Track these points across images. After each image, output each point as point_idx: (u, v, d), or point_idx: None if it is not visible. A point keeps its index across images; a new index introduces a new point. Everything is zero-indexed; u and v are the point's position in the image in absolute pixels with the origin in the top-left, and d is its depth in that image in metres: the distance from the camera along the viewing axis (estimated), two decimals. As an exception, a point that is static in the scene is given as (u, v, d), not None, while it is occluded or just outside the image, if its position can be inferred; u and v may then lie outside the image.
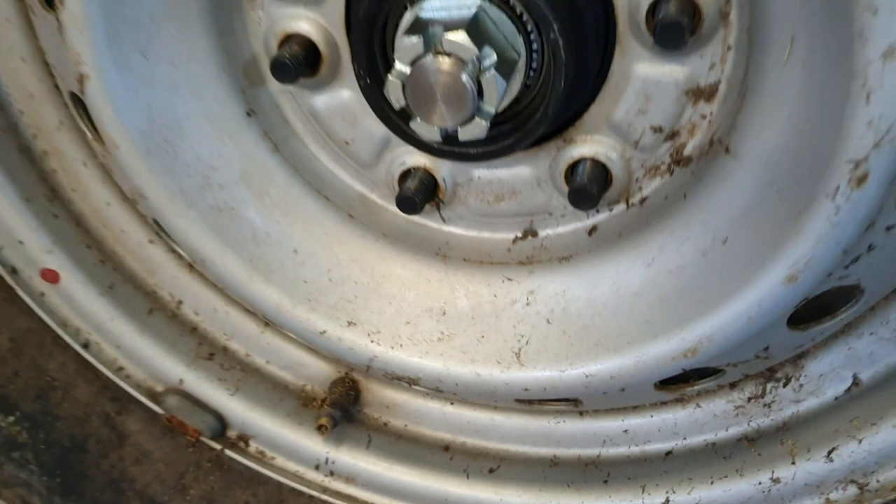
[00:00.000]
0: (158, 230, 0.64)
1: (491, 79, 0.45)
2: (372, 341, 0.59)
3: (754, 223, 0.48)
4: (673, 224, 0.53)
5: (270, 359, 0.69)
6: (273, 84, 0.57)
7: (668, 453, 0.62)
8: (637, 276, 0.55)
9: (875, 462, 0.53)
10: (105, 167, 0.63)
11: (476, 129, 0.47)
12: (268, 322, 0.66)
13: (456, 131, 0.47)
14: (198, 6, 0.52)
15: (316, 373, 0.69)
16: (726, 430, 0.60)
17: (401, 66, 0.45)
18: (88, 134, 0.60)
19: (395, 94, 0.47)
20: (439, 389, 0.59)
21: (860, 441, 0.53)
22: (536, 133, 0.49)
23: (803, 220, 0.44)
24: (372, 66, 0.49)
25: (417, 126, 0.47)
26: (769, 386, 0.58)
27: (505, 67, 0.45)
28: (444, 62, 0.44)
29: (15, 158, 0.61)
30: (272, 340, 0.68)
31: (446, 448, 0.68)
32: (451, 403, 0.67)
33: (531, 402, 0.62)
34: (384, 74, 0.47)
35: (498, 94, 0.45)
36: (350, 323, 0.59)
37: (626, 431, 0.64)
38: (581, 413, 0.65)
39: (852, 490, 0.54)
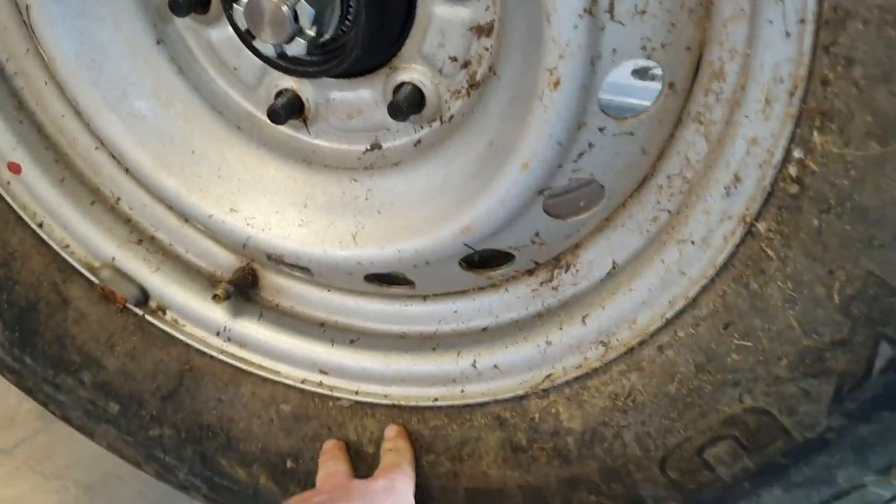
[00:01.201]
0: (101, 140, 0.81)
1: (303, 7, 0.61)
2: (248, 225, 0.75)
3: (505, 127, 0.63)
4: (466, 134, 0.68)
5: (188, 248, 0.85)
6: (179, 20, 0.74)
7: (485, 329, 0.77)
8: (440, 175, 0.69)
9: (615, 325, 0.67)
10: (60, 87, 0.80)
11: (297, 48, 0.62)
12: (185, 217, 0.83)
13: (285, 50, 0.63)
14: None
15: (223, 261, 0.85)
16: (526, 310, 0.75)
17: (242, -2, 0.62)
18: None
19: (239, 20, 0.63)
20: (298, 265, 0.75)
21: (604, 308, 0.67)
22: (352, 57, 0.65)
23: (527, 120, 0.59)
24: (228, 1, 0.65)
25: (257, 44, 0.64)
26: (556, 272, 0.72)
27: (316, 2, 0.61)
28: (268, -7, 0.60)
29: (-11, 77, 0.79)
30: (190, 233, 0.85)
31: (322, 324, 0.83)
32: (328, 290, 0.83)
33: (378, 283, 0.78)
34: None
35: (309, 18, 0.61)
36: (232, 210, 0.75)
37: (455, 312, 0.78)
38: (424, 298, 0.80)
39: (601, 349, 0.68)
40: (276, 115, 0.72)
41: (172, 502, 1.12)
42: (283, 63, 0.67)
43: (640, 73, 1.42)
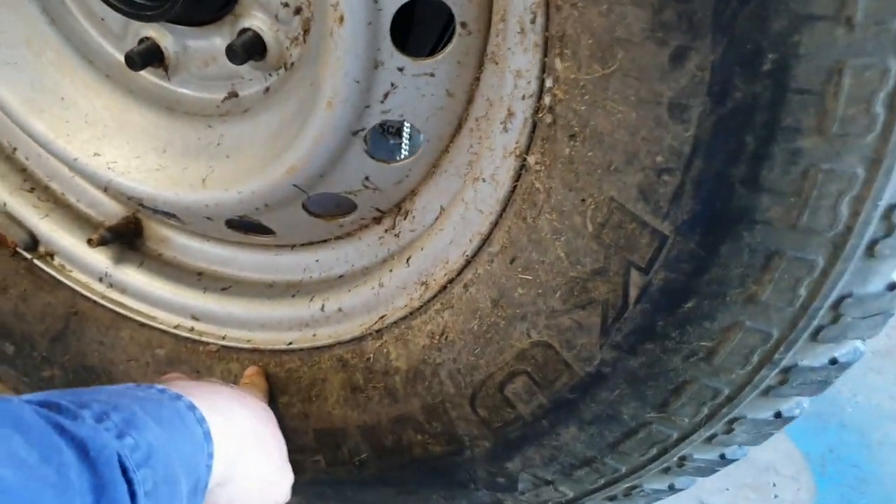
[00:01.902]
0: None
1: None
2: (109, 168, 0.78)
3: (314, 72, 0.65)
4: (300, 79, 0.70)
5: (80, 198, 0.89)
6: (50, -29, 0.78)
7: (341, 276, 0.79)
8: (277, 120, 0.72)
9: (432, 265, 0.68)
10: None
11: (127, -9, 0.66)
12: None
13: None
14: None
15: (111, 211, 0.88)
16: (376, 257, 0.76)
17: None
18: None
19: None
20: (154, 208, 0.78)
21: (423, 249, 0.69)
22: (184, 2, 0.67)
23: (324, 58, 0.61)
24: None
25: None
26: (397, 220, 0.74)
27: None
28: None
29: None
30: (81, 184, 0.88)
31: (200, 273, 0.86)
32: (207, 240, 0.86)
33: (242, 231, 0.81)
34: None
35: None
36: (96, 154, 0.79)
37: (317, 261, 0.80)
38: (291, 247, 0.82)
39: (422, 289, 0.69)
40: (131, 62, 0.74)
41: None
42: (126, 8, 0.70)
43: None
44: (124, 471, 0.48)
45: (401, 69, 0.61)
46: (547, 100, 0.53)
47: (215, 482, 0.60)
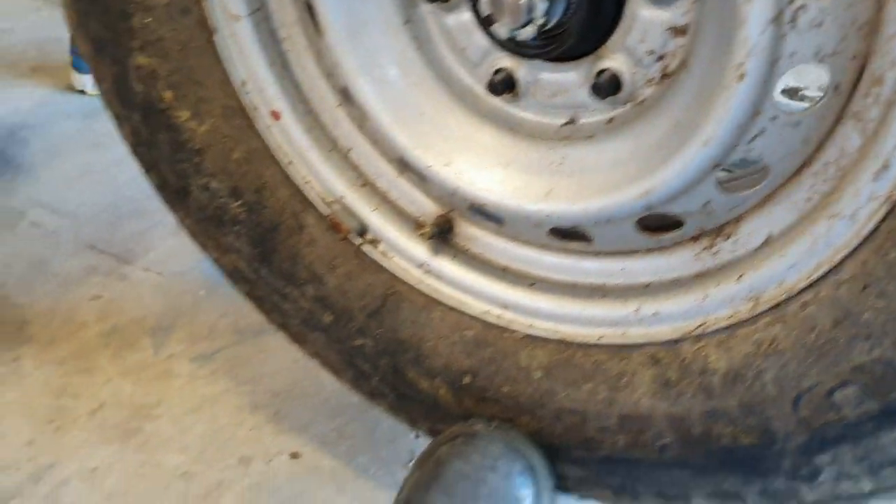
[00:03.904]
0: (343, 99, 1.00)
1: (536, 1, 0.76)
2: (458, 177, 0.91)
3: (691, 110, 0.77)
4: (654, 115, 0.82)
5: (400, 196, 1.03)
6: (424, 4, 0.91)
7: (647, 285, 0.91)
8: (628, 148, 0.84)
9: (765, 284, 0.79)
10: (317, 52, 0.99)
11: (527, 33, 0.78)
12: (400, 170, 1.01)
13: (516, 34, 0.79)
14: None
15: (427, 209, 1.01)
16: (687, 271, 0.88)
17: (489, -10, 0.78)
18: (312, 28, 0.96)
19: (483, 8, 0.80)
20: (496, 215, 0.92)
21: (757, 270, 0.80)
22: (567, 44, 0.80)
23: (713, 105, 0.73)
24: (476, -8, 0.82)
25: (494, 28, 0.80)
26: (717, 240, 0.85)
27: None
28: (512, -11, 0.76)
29: (267, 40, 0.99)
30: (403, 184, 1.02)
31: (504, 269, 1.00)
32: (513, 241, 0.99)
33: (560, 238, 0.93)
34: (481, -5, 0.80)
35: (541, 10, 0.76)
36: (446, 164, 0.92)
37: (622, 269, 0.92)
38: (596, 254, 0.94)
39: (751, 303, 0.81)
40: (494, 88, 0.88)
41: (346, 411, 1.33)
42: (511, 45, 0.83)
43: (790, 94, 1.52)
44: None
45: (773, 118, 0.73)
46: (931, 160, 0.63)
47: None
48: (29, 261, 1.68)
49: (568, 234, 0.92)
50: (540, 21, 0.77)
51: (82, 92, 2.23)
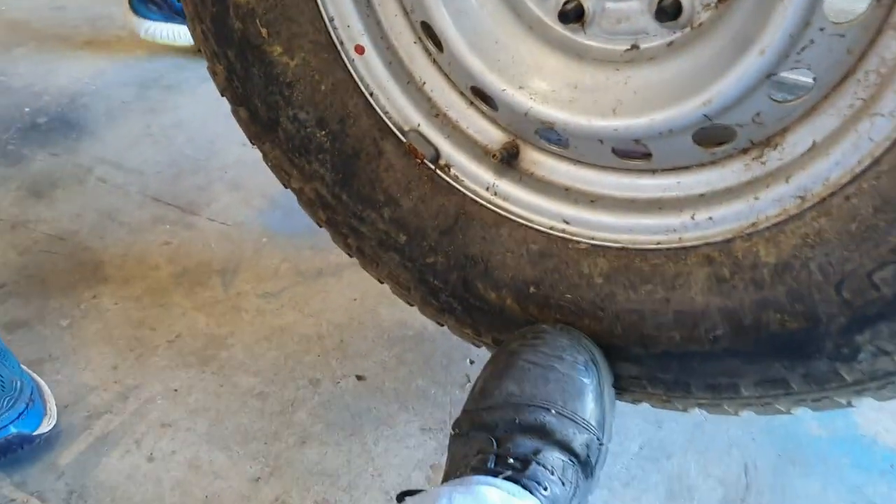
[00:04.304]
0: (419, 36, 1.10)
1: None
2: (531, 98, 1.02)
3: (747, 25, 0.87)
4: (711, 36, 0.92)
5: (469, 125, 1.12)
6: (499, -55, 1.02)
7: (702, 195, 1.01)
8: (687, 66, 0.94)
9: (812, 182, 0.89)
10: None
11: (602, -40, 0.89)
12: (471, 100, 1.11)
13: (591, -39, 0.89)
14: None
15: (495, 137, 1.11)
16: (738, 180, 0.98)
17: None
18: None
19: (562, -60, 0.90)
20: (566, 131, 1.02)
21: (804, 169, 0.90)
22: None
23: (769, 17, 0.83)
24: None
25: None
26: (765, 150, 0.95)
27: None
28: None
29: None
30: (472, 114, 1.11)
31: (567, 189, 1.09)
32: (574, 164, 1.09)
33: (620, 156, 1.03)
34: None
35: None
36: (520, 87, 1.02)
37: (678, 183, 1.02)
38: (653, 172, 1.04)
39: (798, 200, 0.90)
40: (566, 17, 0.98)
41: (403, 342, 1.43)
42: (586, -20, 0.93)
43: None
44: None
45: (822, 29, 0.83)
46: (968, 54, 0.73)
47: None
48: (99, 212, 1.78)
49: (629, 154, 1.02)
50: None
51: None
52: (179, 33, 2.28)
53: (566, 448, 0.94)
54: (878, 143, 0.83)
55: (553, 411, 0.96)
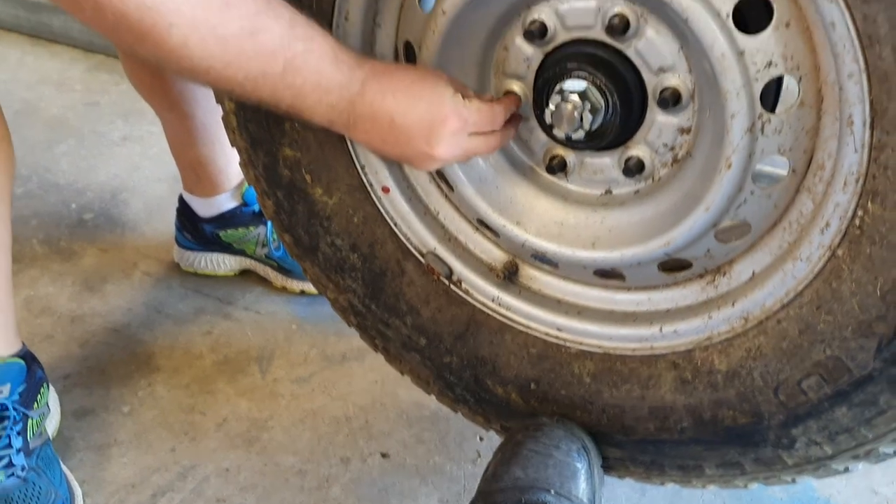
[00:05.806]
0: (434, 178, 1.34)
1: (587, 114, 1.10)
2: (525, 232, 1.25)
3: (695, 186, 1.10)
4: (669, 189, 1.16)
5: (476, 247, 1.35)
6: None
7: (668, 310, 1.24)
8: (650, 211, 1.17)
9: (753, 307, 1.12)
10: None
11: (579, 134, 1.12)
12: (477, 227, 1.34)
13: (571, 135, 1.13)
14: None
15: (498, 257, 1.34)
16: (696, 300, 1.21)
17: (552, 103, 1.12)
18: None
19: (546, 118, 1.14)
20: (553, 260, 1.25)
21: (747, 297, 1.13)
22: (607, 139, 1.13)
23: (711, 183, 1.06)
24: (540, 102, 1.16)
25: (554, 132, 1.14)
26: (717, 277, 1.17)
27: (593, 111, 1.11)
28: (569, 104, 1.11)
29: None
30: (478, 238, 1.34)
31: (558, 301, 1.32)
32: (564, 280, 1.31)
33: (601, 276, 1.26)
34: (545, 105, 1.14)
35: (588, 121, 1.10)
36: (517, 223, 1.26)
37: (649, 299, 1.25)
38: (628, 289, 1.27)
39: (742, 321, 1.13)
40: (551, 169, 1.22)
41: (420, 422, 1.64)
42: (567, 142, 1.17)
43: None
44: None
45: (752, 192, 1.06)
46: (857, 222, 0.97)
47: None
48: (147, 305, 2.01)
49: (607, 274, 1.26)
50: (587, 127, 1.11)
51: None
52: (219, 262, 2.08)
53: (563, 522, 1.16)
54: (800, 280, 1.06)
55: (552, 492, 1.18)
